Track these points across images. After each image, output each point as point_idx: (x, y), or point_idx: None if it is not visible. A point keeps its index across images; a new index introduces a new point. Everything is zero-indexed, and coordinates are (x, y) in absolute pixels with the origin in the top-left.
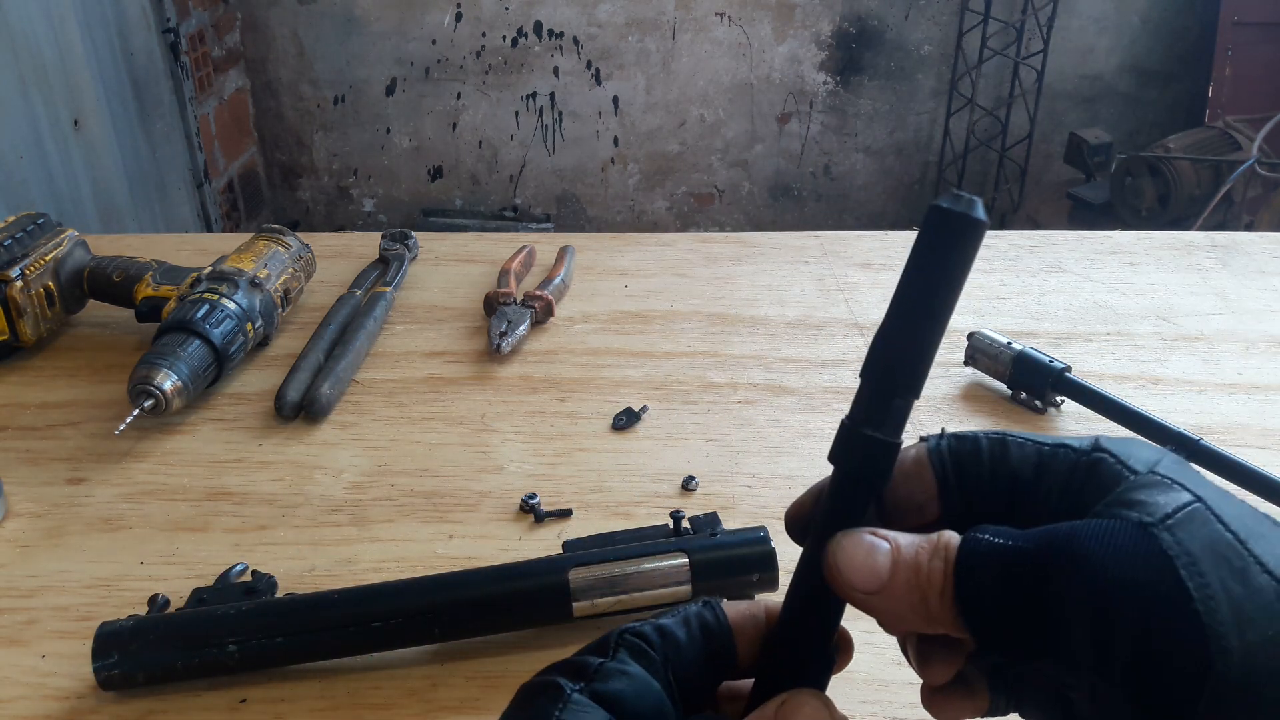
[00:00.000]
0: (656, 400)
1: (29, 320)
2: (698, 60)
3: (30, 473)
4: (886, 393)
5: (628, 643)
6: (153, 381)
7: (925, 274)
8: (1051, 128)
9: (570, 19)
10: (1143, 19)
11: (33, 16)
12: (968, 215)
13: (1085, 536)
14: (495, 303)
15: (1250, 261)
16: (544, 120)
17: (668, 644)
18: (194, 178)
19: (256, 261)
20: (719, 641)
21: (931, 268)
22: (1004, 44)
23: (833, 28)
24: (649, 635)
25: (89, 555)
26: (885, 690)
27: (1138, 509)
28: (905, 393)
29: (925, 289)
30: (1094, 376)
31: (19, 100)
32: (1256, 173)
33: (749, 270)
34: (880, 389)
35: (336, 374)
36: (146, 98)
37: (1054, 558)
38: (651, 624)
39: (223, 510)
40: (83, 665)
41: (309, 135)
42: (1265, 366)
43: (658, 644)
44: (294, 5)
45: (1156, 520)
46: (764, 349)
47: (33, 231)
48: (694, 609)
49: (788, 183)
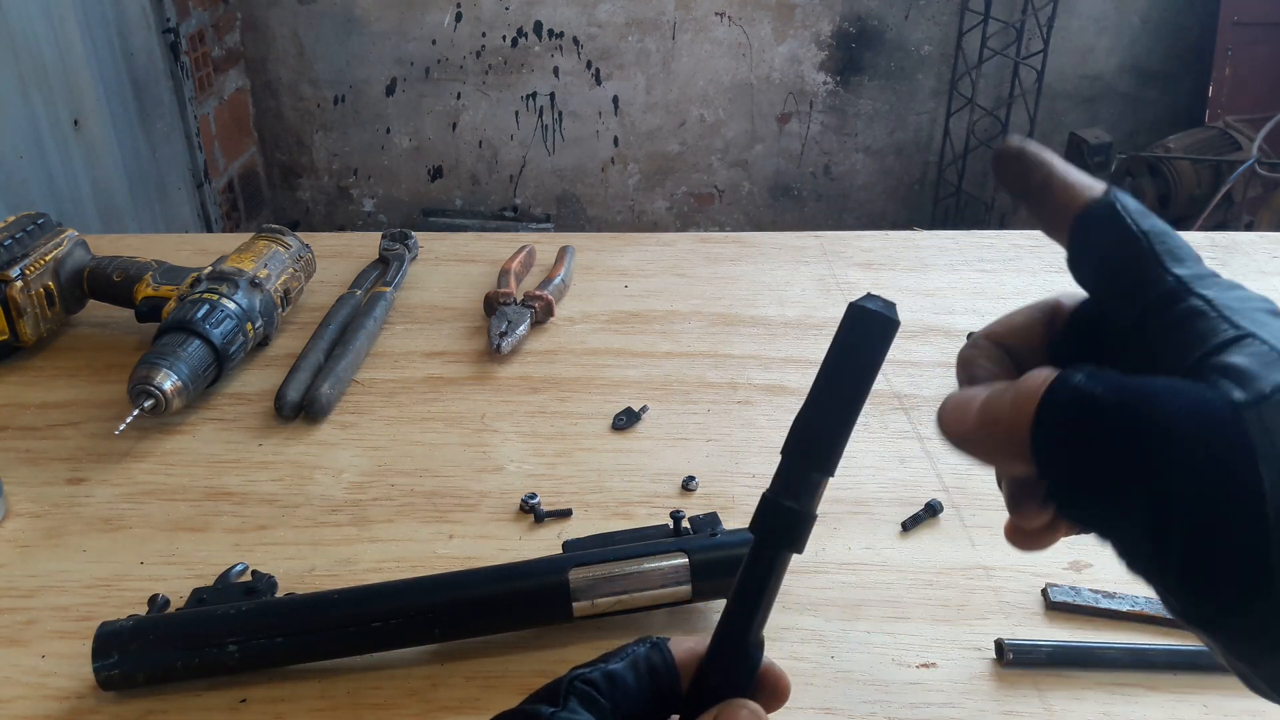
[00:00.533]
0: (656, 400)
1: (29, 320)
2: (698, 60)
3: (30, 473)
4: (804, 469)
5: (578, 691)
6: (153, 381)
7: (842, 366)
8: (1051, 128)
9: (570, 19)
10: (1143, 19)
11: (33, 16)
12: (884, 315)
13: (1166, 402)
14: (495, 303)
15: (1250, 261)
16: (544, 120)
17: (617, 690)
18: (194, 178)
19: (256, 261)
20: (665, 682)
21: (849, 360)
22: (1004, 44)
23: (833, 28)
24: (598, 682)
25: (89, 555)
26: (885, 690)
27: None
28: (821, 470)
29: (842, 379)
30: None
31: (19, 100)
32: (1256, 173)
33: (749, 270)
34: (799, 466)
35: (336, 374)
36: (146, 98)
37: (1128, 421)
38: (600, 670)
39: (223, 510)
40: (83, 665)
41: (309, 135)
42: None
43: (607, 690)
44: (294, 5)
45: (1249, 399)
46: (764, 349)
47: (33, 231)
48: (642, 651)
49: (788, 183)
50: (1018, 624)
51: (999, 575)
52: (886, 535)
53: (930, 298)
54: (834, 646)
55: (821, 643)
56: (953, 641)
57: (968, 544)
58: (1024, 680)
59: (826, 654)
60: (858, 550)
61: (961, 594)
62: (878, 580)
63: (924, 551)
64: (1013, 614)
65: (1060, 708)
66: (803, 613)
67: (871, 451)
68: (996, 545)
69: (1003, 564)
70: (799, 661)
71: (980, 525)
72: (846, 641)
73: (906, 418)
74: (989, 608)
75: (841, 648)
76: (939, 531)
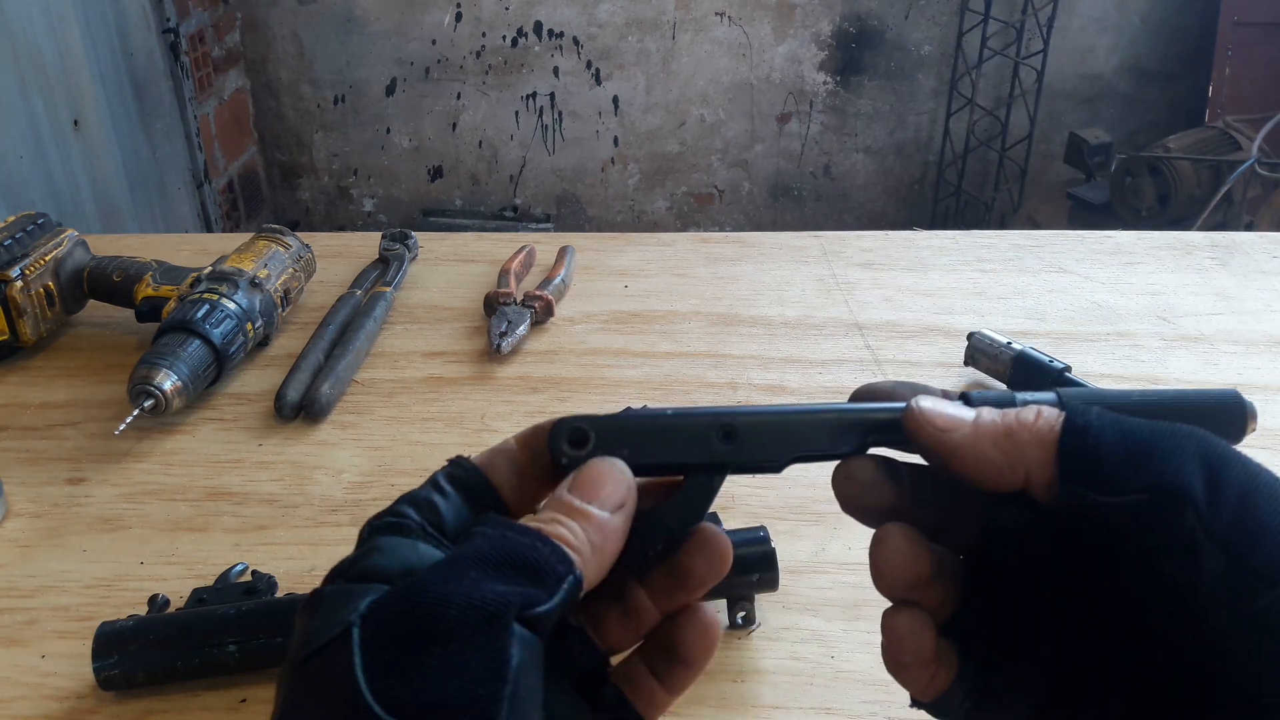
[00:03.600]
0: (656, 400)
1: (29, 320)
2: (698, 60)
3: (30, 473)
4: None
5: (374, 526)
6: (153, 381)
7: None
8: (1051, 128)
9: (570, 19)
10: (1143, 19)
11: (33, 16)
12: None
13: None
14: (495, 303)
15: (1250, 261)
16: (544, 120)
17: (420, 509)
18: (194, 178)
19: (256, 261)
20: (473, 486)
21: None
22: (1004, 44)
23: (833, 28)
24: (396, 509)
25: (89, 555)
26: (885, 690)
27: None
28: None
29: None
30: (1094, 376)
31: (19, 100)
32: (1256, 173)
33: (749, 270)
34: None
35: (336, 374)
36: (146, 98)
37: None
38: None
39: (223, 510)
40: (83, 665)
41: (309, 135)
42: (1265, 366)
43: (408, 512)
44: (294, 5)
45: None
46: (764, 349)
47: (33, 231)
48: (438, 472)
49: (788, 183)
50: None
51: None
52: None
53: (930, 298)
54: (834, 646)
55: (821, 643)
56: None
57: None
58: None
59: (826, 654)
60: (858, 550)
61: None
62: None
63: None
64: None
65: None
66: (803, 613)
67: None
68: None
69: None
70: (799, 661)
71: None
72: (846, 641)
73: None
74: None
75: (841, 648)
76: None
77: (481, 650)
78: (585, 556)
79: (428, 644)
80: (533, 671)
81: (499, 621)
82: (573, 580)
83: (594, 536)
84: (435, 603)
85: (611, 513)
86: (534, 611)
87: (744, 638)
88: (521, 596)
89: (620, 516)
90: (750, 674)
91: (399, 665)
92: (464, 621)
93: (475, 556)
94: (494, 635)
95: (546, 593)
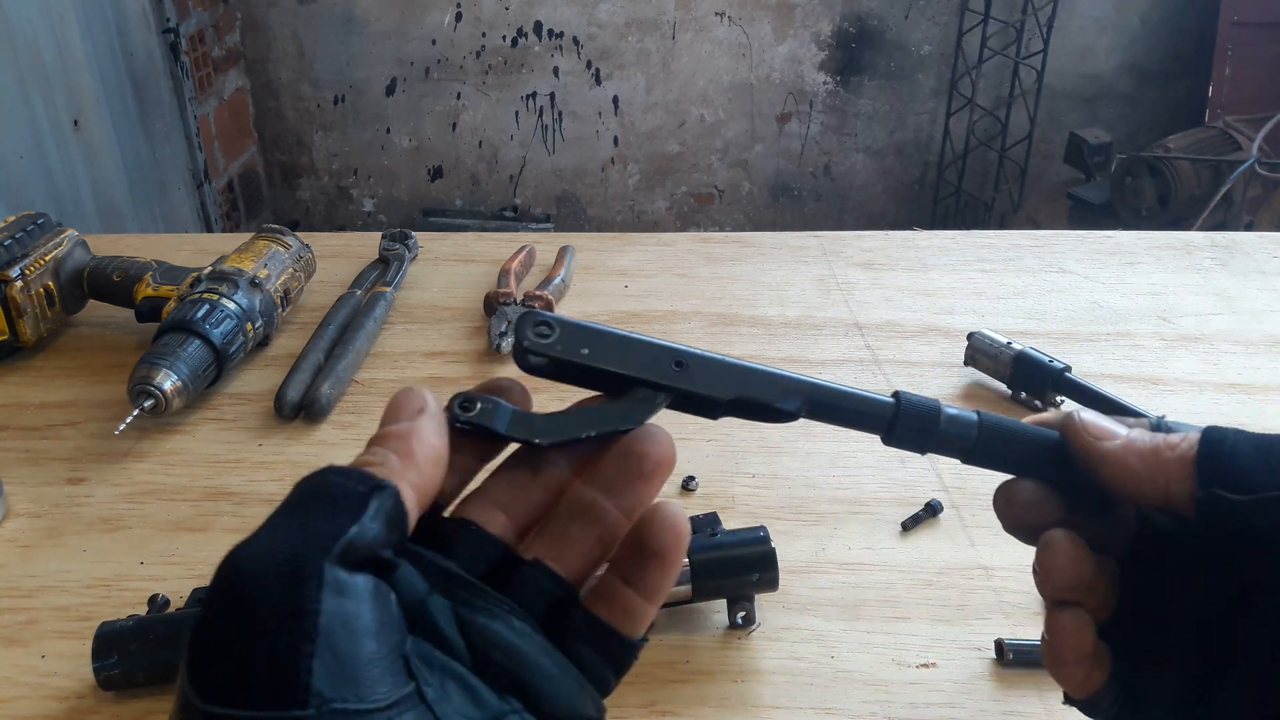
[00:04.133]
0: None
1: (29, 320)
2: (698, 60)
3: (30, 473)
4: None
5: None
6: (153, 381)
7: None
8: (1051, 128)
9: (570, 19)
10: (1143, 19)
11: (33, 16)
12: None
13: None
14: (495, 303)
15: (1250, 261)
16: (544, 120)
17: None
18: (194, 178)
19: (256, 261)
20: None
21: None
22: (1004, 44)
23: (833, 28)
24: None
25: (89, 555)
26: (885, 690)
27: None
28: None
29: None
30: (1094, 376)
31: (19, 100)
32: (1256, 173)
33: (749, 270)
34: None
35: (336, 374)
36: (146, 98)
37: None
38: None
39: (223, 510)
40: (83, 665)
41: (309, 135)
42: (1265, 366)
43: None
44: (294, 5)
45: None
46: (764, 349)
47: (33, 231)
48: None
49: (788, 183)
50: (1018, 624)
51: (999, 575)
52: (886, 535)
53: (930, 298)
54: (834, 646)
55: (821, 643)
56: (953, 641)
57: (968, 544)
58: (1024, 680)
59: (826, 654)
60: (858, 550)
61: (961, 594)
62: (878, 580)
63: (924, 551)
64: (1013, 614)
65: (1060, 708)
66: (803, 613)
67: (872, 451)
68: (996, 545)
69: (1003, 564)
70: (799, 661)
71: (980, 525)
72: (846, 641)
73: None
74: (989, 608)
75: (841, 648)
76: (939, 531)
77: (279, 609)
78: (392, 465)
79: (233, 620)
80: (369, 611)
81: (299, 572)
82: (384, 493)
83: (396, 445)
84: (235, 575)
85: (411, 420)
86: (344, 541)
87: (744, 638)
88: (323, 535)
89: (421, 421)
90: (750, 674)
91: (214, 652)
92: (260, 585)
93: (275, 516)
94: (294, 588)
95: (351, 517)
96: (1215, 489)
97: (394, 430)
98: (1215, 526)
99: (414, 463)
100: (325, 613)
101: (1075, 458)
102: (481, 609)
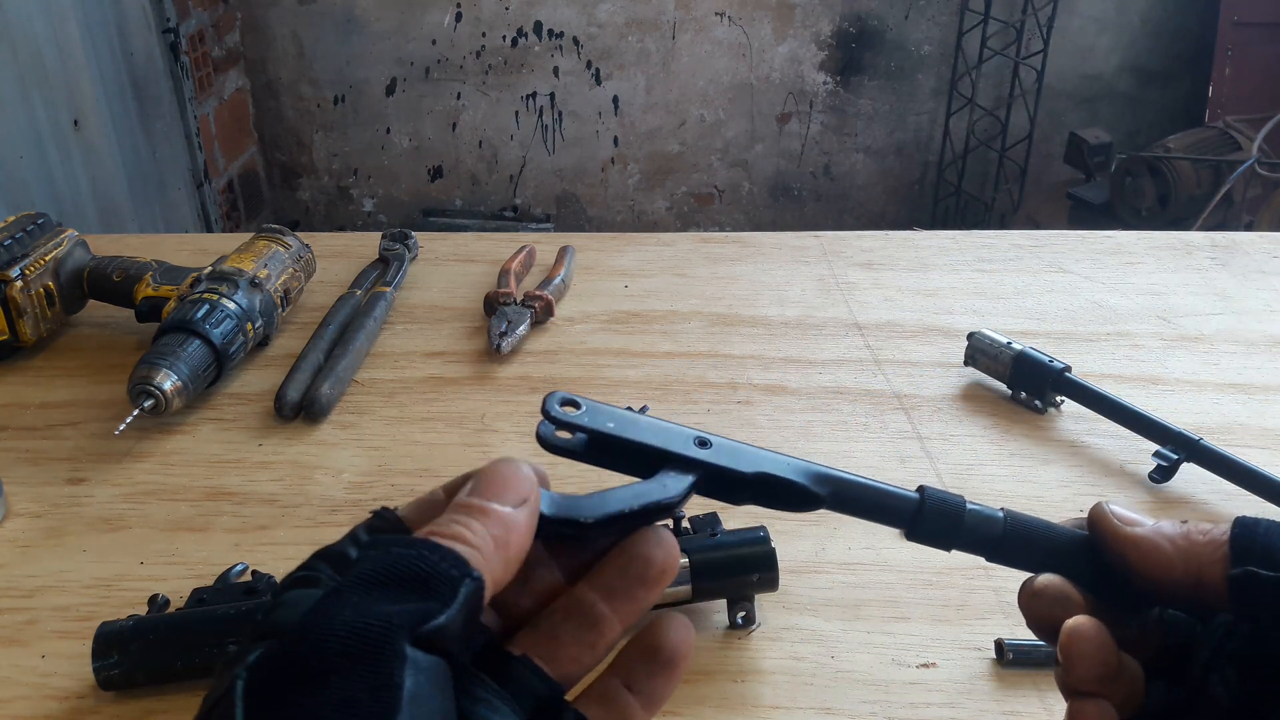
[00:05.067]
0: (656, 400)
1: (29, 320)
2: (698, 60)
3: (30, 473)
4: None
5: (284, 582)
6: (153, 381)
7: None
8: (1051, 128)
9: (570, 19)
10: (1143, 19)
11: (33, 16)
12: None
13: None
14: (495, 303)
15: (1250, 261)
16: (544, 120)
17: (333, 563)
18: (194, 178)
19: (256, 261)
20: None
21: None
22: (1004, 44)
23: (833, 28)
24: (309, 564)
25: (89, 555)
26: (885, 690)
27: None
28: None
29: None
30: (1094, 376)
31: (19, 100)
32: (1256, 173)
33: (749, 270)
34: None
35: (336, 374)
36: (146, 98)
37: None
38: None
39: (223, 510)
40: (83, 665)
41: (309, 135)
42: (1265, 366)
43: (320, 566)
44: (294, 5)
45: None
46: (764, 349)
47: (33, 231)
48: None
49: (788, 183)
50: (1018, 624)
51: (999, 575)
52: (886, 535)
53: (930, 298)
54: (834, 646)
55: (821, 643)
56: (953, 641)
57: None
58: (1024, 680)
59: (826, 654)
60: (858, 550)
61: (961, 594)
62: (878, 580)
63: (924, 551)
64: (1013, 614)
65: (1060, 708)
66: (803, 613)
67: (871, 451)
68: None
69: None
70: (799, 661)
71: None
72: (846, 641)
73: (906, 418)
74: (989, 608)
75: (841, 648)
76: None
77: (366, 681)
78: (486, 554)
79: (308, 683)
80: (436, 695)
81: (386, 647)
82: (470, 583)
83: (495, 530)
84: (315, 639)
85: (514, 507)
86: (429, 627)
87: (744, 638)
88: (412, 614)
89: (524, 512)
90: (750, 674)
91: (281, 710)
92: (346, 654)
93: (358, 582)
94: (380, 663)
95: (440, 603)
96: (1252, 565)
97: (497, 513)
98: (1249, 605)
99: (505, 556)
100: (407, 689)
101: (1104, 545)
102: (481, 699)
